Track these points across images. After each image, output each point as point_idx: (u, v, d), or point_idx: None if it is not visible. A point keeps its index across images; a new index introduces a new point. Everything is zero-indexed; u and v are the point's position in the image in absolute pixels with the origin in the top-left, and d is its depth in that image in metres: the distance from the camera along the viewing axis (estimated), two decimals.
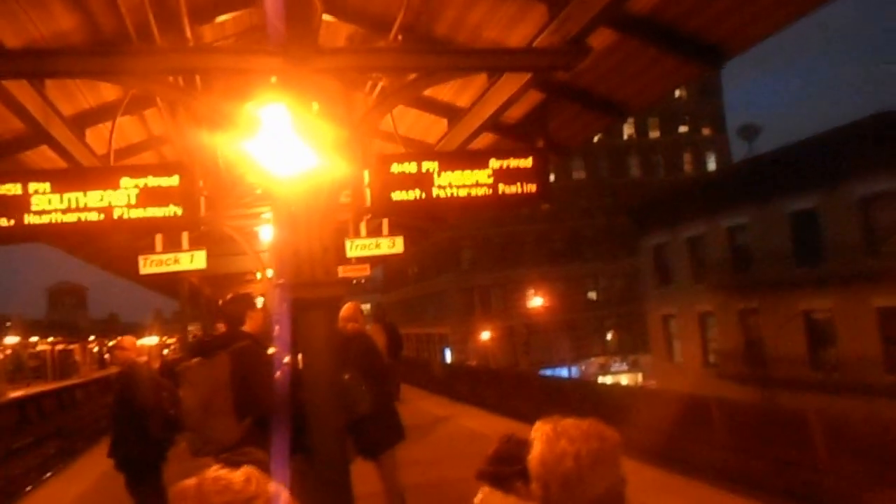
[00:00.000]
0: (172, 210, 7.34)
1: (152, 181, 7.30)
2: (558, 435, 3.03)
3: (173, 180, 7.35)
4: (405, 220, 18.12)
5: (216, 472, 2.51)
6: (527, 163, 8.18)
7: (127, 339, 11.92)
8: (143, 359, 11.83)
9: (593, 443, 3.00)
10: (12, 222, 6.98)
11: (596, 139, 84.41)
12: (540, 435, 3.10)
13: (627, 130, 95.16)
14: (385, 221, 15.24)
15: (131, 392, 10.84)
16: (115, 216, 7.18)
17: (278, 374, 8.27)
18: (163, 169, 7.45)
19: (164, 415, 11.04)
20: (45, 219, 6.99)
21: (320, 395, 6.98)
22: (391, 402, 10.92)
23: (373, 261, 16.82)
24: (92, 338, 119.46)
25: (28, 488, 23.40)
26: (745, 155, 55.04)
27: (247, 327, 8.37)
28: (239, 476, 2.50)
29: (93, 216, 7.12)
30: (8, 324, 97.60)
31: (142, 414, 10.76)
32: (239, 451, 3.48)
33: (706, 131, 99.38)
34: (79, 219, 7.07)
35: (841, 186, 38.48)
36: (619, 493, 3.06)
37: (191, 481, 2.45)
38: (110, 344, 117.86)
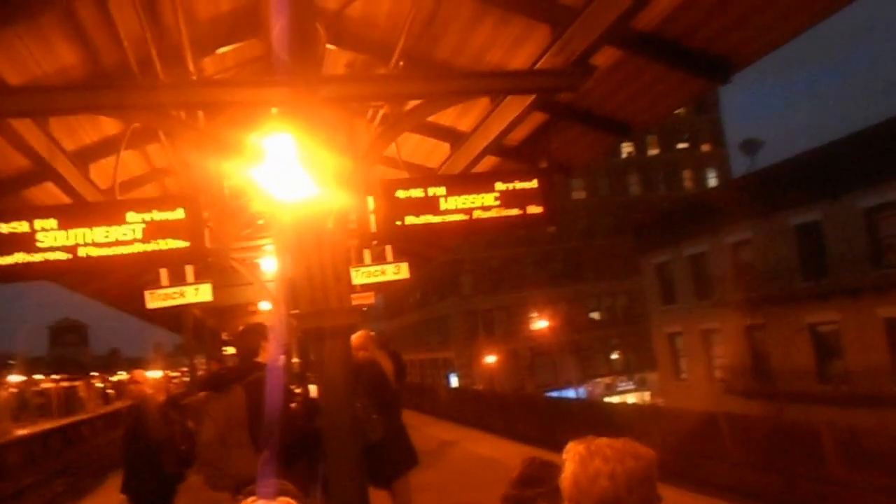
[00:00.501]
0: (179, 243, 7.30)
1: (158, 215, 7.25)
2: (592, 455, 3.02)
3: (179, 213, 7.31)
4: (410, 245, 18.08)
5: (253, 502, 2.50)
6: (532, 184, 8.15)
7: (139, 373, 11.96)
8: (151, 391, 11.81)
9: (629, 462, 2.99)
10: (20, 260, 6.93)
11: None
12: (573, 455, 3.09)
13: (626, 149, 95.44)
14: (389, 248, 15.20)
15: (143, 426, 10.83)
16: (122, 251, 7.14)
17: (293, 405, 8.24)
18: (168, 202, 7.40)
19: (175, 449, 11.03)
20: (51, 256, 6.94)
21: (337, 423, 6.92)
22: (403, 428, 10.89)
23: (377, 288, 16.76)
24: (95, 374, 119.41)
25: None
26: (747, 170, 55.16)
27: (261, 358, 8.36)
28: None
29: (99, 252, 7.07)
30: (11, 361, 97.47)
31: (153, 448, 10.74)
32: (268, 483, 3.46)
33: (705, 147, 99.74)
34: (86, 255, 7.03)
35: (844, 198, 38.49)
36: None
37: None
38: (113, 379, 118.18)
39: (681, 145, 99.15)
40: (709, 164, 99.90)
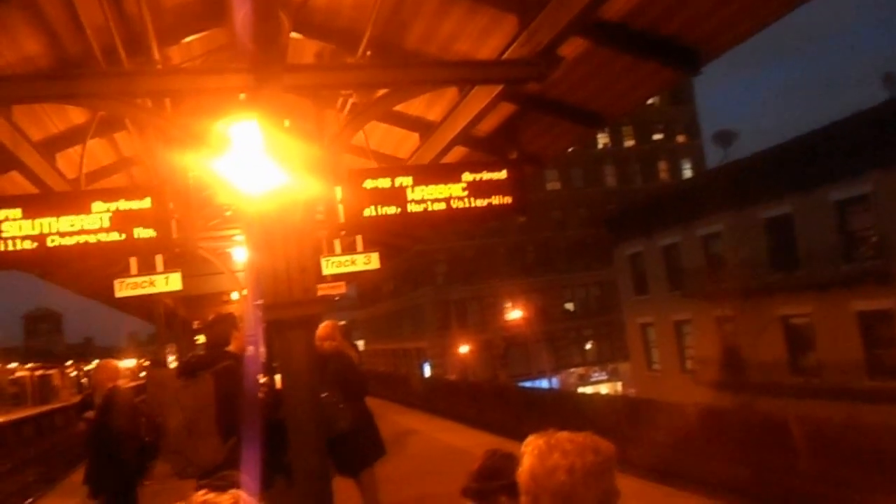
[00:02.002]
0: (146, 233, 7.25)
1: (124, 204, 7.19)
2: (551, 448, 3.02)
3: (145, 203, 7.26)
4: (379, 236, 18.04)
5: (203, 496, 2.48)
6: (501, 175, 8.13)
7: (110, 362, 11.87)
8: (120, 381, 11.70)
9: (588, 456, 2.98)
10: None
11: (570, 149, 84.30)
12: (532, 449, 3.09)
13: (602, 140, 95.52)
14: (359, 238, 15.15)
15: (109, 416, 10.73)
16: (88, 240, 7.09)
17: (260, 394, 8.23)
18: (135, 192, 7.35)
19: (140, 441, 10.94)
20: (17, 246, 6.88)
21: (301, 414, 6.90)
22: (371, 418, 10.87)
23: (348, 278, 16.71)
24: (69, 362, 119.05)
25: None
26: (720, 161, 55.21)
27: (230, 347, 8.36)
28: (227, 499, 2.46)
29: (66, 241, 7.02)
30: None
31: (118, 439, 10.64)
32: (219, 475, 3.47)
33: (681, 138, 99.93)
34: (52, 244, 6.97)
35: (816, 191, 38.60)
36: None
37: None
38: (86, 368, 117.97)
39: (656, 136, 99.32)
40: (684, 156, 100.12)
